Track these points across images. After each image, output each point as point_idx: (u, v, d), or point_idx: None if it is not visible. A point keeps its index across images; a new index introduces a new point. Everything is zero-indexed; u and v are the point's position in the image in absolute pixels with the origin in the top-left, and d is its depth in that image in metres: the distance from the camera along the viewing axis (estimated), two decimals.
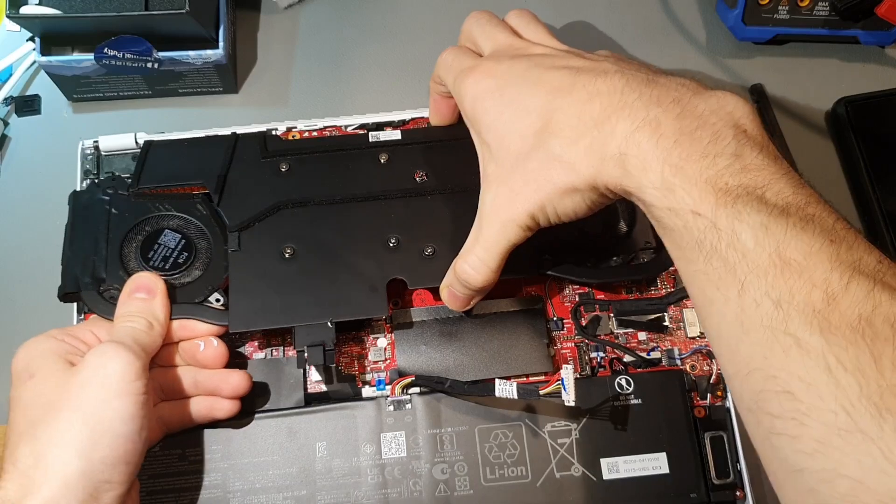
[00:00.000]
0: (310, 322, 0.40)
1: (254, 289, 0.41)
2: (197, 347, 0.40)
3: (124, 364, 0.35)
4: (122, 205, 0.43)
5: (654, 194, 0.30)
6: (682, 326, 0.43)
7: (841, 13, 0.50)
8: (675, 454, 0.40)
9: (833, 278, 0.25)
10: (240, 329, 0.40)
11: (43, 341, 0.37)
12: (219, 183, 0.44)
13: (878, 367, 0.24)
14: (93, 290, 0.41)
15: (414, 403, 0.41)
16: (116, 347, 0.35)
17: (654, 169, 0.30)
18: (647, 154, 0.30)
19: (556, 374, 0.40)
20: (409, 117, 0.47)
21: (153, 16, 0.46)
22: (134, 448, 0.34)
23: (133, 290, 0.39)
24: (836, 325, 0.25)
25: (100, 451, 0.33)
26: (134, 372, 0.35)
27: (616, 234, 0.44)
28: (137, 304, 0.39)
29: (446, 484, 0.40)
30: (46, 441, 0.33)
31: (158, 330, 0.39)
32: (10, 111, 0.53)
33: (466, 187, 0.43)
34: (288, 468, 0.40)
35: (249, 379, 0.40)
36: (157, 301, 0.39)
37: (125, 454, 0.34)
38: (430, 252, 0.42)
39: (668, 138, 0.30)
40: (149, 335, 0.38)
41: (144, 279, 0.40)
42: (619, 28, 0.55)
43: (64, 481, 0.32)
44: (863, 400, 0.23)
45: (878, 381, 0.24)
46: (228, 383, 0.39)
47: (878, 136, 0.49)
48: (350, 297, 0.41)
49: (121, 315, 0.39)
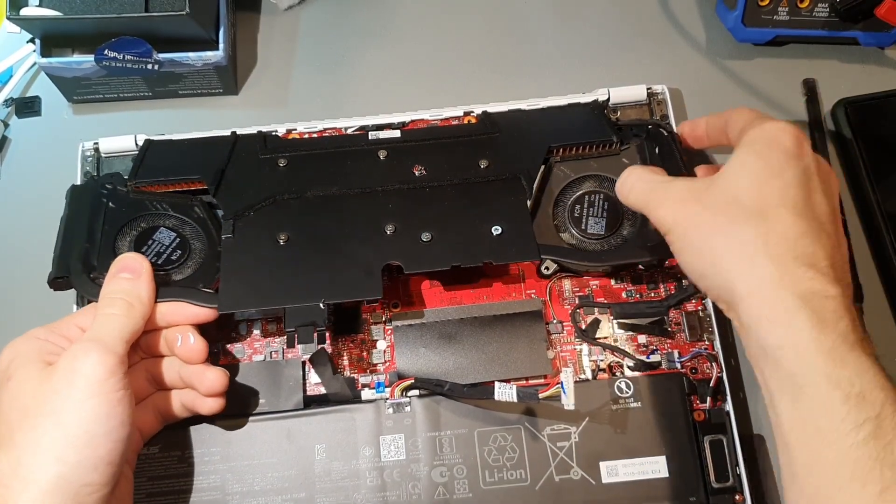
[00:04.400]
0: (301, 303, 0.40)
1: (245, 272, 0.41)
2: (176, 341, 0.39)
3: (94, 364, 0.34)
4: (120, 200, 0.44)
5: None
6: (682, 329, 0.43)
7: (840, 14, 0.50)
8: (675, 458, 0.40)
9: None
10: (229, 310, 0.40)
11: (22, 343, 0.36)
12: (216, 176, 0.44)
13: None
14: (83, 274, 0.41)
15: (413, 406, 0.41)
16: (86, 348, 0.35)
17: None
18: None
19: (555, 377, 0.40)
20: (409, 119, 0.47)
21: (153, 17, 0.46)
22: (114, 447, 0.34)
23: (118, 270, 0.39)
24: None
25: (78, 454, 0.33)
26: (105, 370, 0.34)
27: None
28: (121, 284, 0.39)
29: (445, 487, 0.40)
30: (23, 448, 0.33)
31: (140, 310, 0.38)
32: (11, 113, 0.53)
33: (467, 180, 0.43)
34: (287, 470, 0.40)
35: (225, 377, 0.39)
36: (142, 281, 0.39)
37: (106, 454, 0.33)
38: (427, 238, 0.41)
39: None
40: (129, 318, 0.37)
41: (130, 260, 0.40)
42: (620, 28, 0.55)
43: (42, 489, 0.32)
44: None
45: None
46: (203, 381, 0.39)
47: (878, 136, 0.49)
48: (344, 280, 0.40)
49: (103, 296, 0.38)
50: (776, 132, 0.35)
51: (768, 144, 0.35)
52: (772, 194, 0.33)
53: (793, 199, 0.33)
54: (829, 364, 0.30)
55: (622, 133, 0.45)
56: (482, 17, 0.55)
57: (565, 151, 0.45)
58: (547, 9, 0.55)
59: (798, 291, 0.31)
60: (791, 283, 0.31)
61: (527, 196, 0.43)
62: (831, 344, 0.30)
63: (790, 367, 0.31)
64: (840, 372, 0.30)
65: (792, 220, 0.33)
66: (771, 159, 0.34)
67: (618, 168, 0.45)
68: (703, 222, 0.35)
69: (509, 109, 0.47)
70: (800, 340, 0.31)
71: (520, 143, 0.45)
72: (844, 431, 0.29)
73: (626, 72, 0.53)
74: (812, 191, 0.34)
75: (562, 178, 0.45)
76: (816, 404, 0.30)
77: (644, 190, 0.38)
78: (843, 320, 0.31)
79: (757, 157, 0.35)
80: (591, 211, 0.44)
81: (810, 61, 0.53)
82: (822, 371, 0.30)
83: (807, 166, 0.35)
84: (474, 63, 0.54)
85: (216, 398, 0.39)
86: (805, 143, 0.35)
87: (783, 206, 0.33)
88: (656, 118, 0.47)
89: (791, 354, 0.31)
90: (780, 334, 0.31)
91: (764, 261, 0.32)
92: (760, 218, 0.33)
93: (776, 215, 0.33)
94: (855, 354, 0.30)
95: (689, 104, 0.52)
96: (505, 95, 0.48)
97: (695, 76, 0.53)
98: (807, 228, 0.33)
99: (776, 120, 0.36)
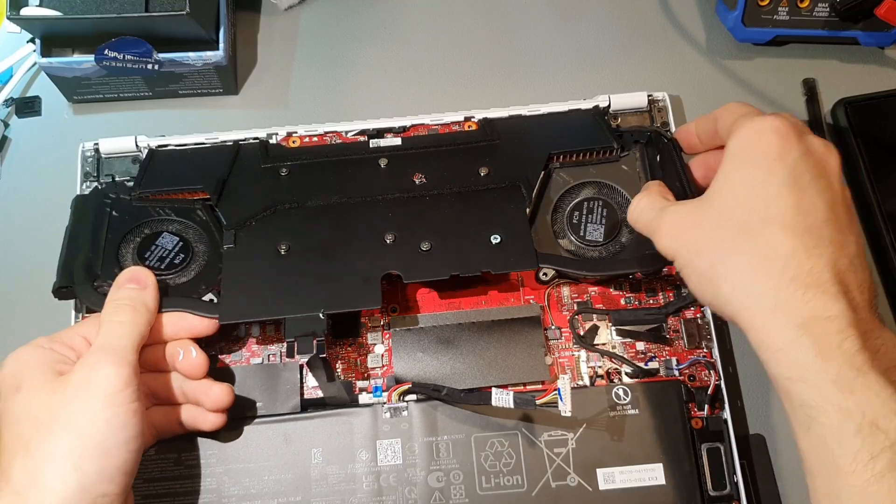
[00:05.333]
0: (301, 314, 0.40)
1: (246, 282, 0.41)
2: (177, 356, 0.39)
3: (110, 374, 0.34)
4: (123, 208, 0.44)
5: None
6: (680, 337, 0.43)
7: (841, 14, 0.50)
8: (672, 465, 0.40)
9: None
10: (230, 320, 0.40)
11: (28, 352, 0.36)
12: (218, 185, 0.44)
13: None
14: (86, 284, 0.41)
15: (410, 411, 0.41)
16: (101, 359, 0.35)
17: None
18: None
19: (553, 383, 0.40)
20: (410, 124, 0.47)
21: (153, 17, 0.46)
22: (129, 457, 0.34)
23: (124, 281, 0.39)
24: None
25: (95, 464, 0.33)
26: (121, 381, 0.34)
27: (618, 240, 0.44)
28: (126, 292, 0.39)
29: (442, 492, 0.40)
30: (40, 458, 0.32)
31: (146, 316, 0.38)
32: (11, 112, 0.53)
33: (467, 188, 0.43)
34: (283, 474, 0.40)
35: (231, 392, 0.39)
36: (148, 292, 0.39)
37: (122, 464, 0.34)
38: (426, 248, 0.41)
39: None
40: (135, 325, 0.37)
41: (136, 272, 0.40)
42: (619, 28, 0.54)
43: (60, 498, 0.32)
44: None
45: None
46: (209, 396, 0.39)
47: (878, 136, 0.49)
48: (344, 290, 0.40)
49: (108, 303, 0.38)
50: (755, 134, 0.33)
51: (748, 150, 0.33)
52: (757, 209, 0.32)
53: (780, 212, 0.32)
54: (837, 392, 0.29)
55: (622, 139, 0.45)
56: (483, 20, 0.55)
57: (565, 158, 0.45)
58: (547, 9, 0.55)
59: (797, 318, 0.30)
60: (788, 310, 0.30)
61: (526, 204, 0.43)
62: (837, 370, 0.29)
63: (799, 397, 0.30)
64: (849, 399, 0.29)
65: (781, 236, 0.31)
66: (753, 168, 0.33)
67: (617, 175, 0.45)
68: (701, 249, 0.34)
69: (510, 115, 0.47)
70: (805, 371, 0.30)
71: (520, 149, 0.45)
72: (860, 465, 0.28)
73: (626, 73, 0.53)
74: (802, 193, 0.32)
75: (561, 184, 0.45)
76: (829, 435, 0.29)
77: (647, 221, 0.38)
78: (847, 340, 0.30)
79: (738, 168, 0.33)
80: (589, 217, 0.44)
81: (810, 61, 0.53)
82: (831, 400, 0.29)
83: (793, 165, 0.33)
84: (474, 64, 0.54)
85: (219, 414, 0.39)
86: (790, 133, 0.33)
87: (771, 221, 0.32)
88: (657, 125, 0.47)
89: (799, 386, 0.30)
90: (785, 365, 0.30)
91: (759, 288, 0.31)
92: (750, 239, 0.32)
93: (765, 234, 0.32)
94: (863, 379, 0.29)
95: (688, 105, 0.52)
96: (506, 99, 0.48)
97: (695, 76, 0.53)
98: (798, 243, 0.31)
99: (757, 117, 0.34)
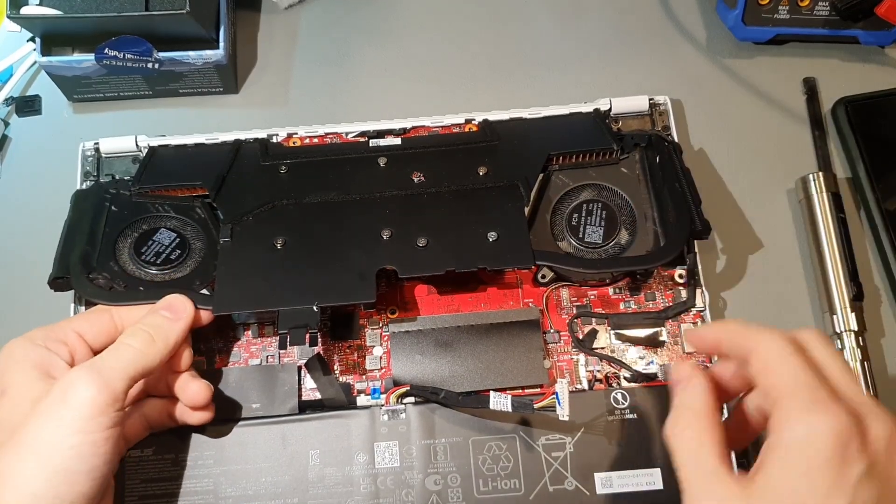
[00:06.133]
0: (295, 306, 0.40)
1: (241, 275, 0.41)
2: None
3: (85, 399, 0.33)
4: (122, 204, 0.44)
5: None
6: (679, 341, 0.43)
7: (841, 13, 0.50)
8: (670, 470, 0.40)
9: None
10: (223, 311, 0.40)
11: (20, 348, 0.36)
12: (217, 182, 0.44)
13: None
14: (82, 275, 0.41)
15: (408, 413, 0.41)
16: (84, 377, 0.33)
17: None
18: None
19: (551, 386, 0.40)
20: (410, 125, 0.47)
21: (153, 16, 0.46)
22: (94, 484, 0.33)
23: (161, 307, 0.39)
24: None
25: (54, 491, 0.32)
26: (95, 408, 0.33)
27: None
28: (156, 319, 0.38)
29: (439, 495, 0.40)
30: (5, 474, 0.32)
31: (161, 349, 0.37)
32: (11, 111, 0.53)
33: (465, 187, 0.43)
34: (280, 475, 0.40)
35: (209, 390, 0.39)
36: (178, 325, 0.38)
37: (87, 491, 0.33)
38: (422, 243, 0.41)
39: None
40: (144, 354, 0.36)
41: (175, 301, 0.39)
42: (619, 28, 0.54)
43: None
44: None
45: None
46: (185, 392, 0.38)
47: (878, 136, 0.49)
48: (338, 284, 0.40)
49: (136, 323, 0.37)
50: (811, 435, 0.27)
51: (804, 456, 0.27)
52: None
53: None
54: None
55: (623, 142, 0.45)
56: (483, 20, 0.55)
57: (565, 160, 0.45)
58: (547, 9, 0.55)
59: None
60: None
61: (524, 202, 0.43)
62: None
63: None
64: None
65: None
66: (809, 479, 0.27)
67: (617, 177, 0.45)
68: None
69: (511, 118, 0.47)
70: None
71: (519, 151, 0.45)
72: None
73: (627, 73, 0.53)
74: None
75: (560, 186, 0.45)
76: None
77: (686, 475, 0.32)
78: None
79: (791, 477, 0.27)
80: (588, 220, 0.43)
81: (811, 60, 0.53)
82: None
83: (858, 479, 0.27)
84: (475, 65, 0.54)
85: (201, 411, 0.39)
86: (852, 441, 0.27)
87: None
88: (658, 129, 0.47)
89: None
90: None
91: None
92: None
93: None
94: None
95: (689, 104, 0.52)
96: (506, 101, 0.48)
97: (695, 75, 0.53)
98: None
99: (812, 407, 0.28)
